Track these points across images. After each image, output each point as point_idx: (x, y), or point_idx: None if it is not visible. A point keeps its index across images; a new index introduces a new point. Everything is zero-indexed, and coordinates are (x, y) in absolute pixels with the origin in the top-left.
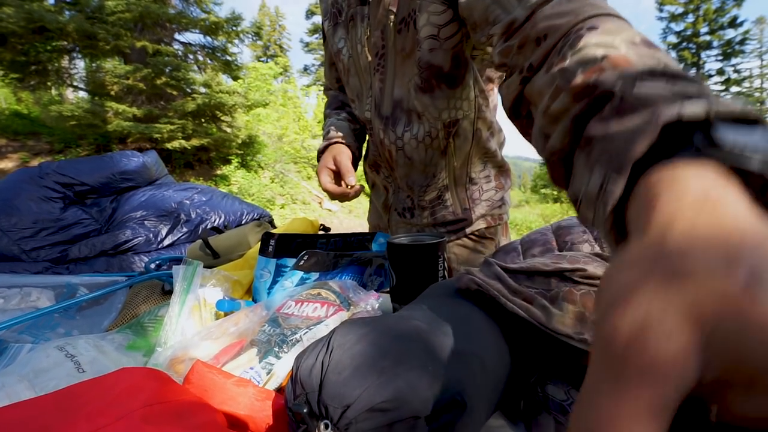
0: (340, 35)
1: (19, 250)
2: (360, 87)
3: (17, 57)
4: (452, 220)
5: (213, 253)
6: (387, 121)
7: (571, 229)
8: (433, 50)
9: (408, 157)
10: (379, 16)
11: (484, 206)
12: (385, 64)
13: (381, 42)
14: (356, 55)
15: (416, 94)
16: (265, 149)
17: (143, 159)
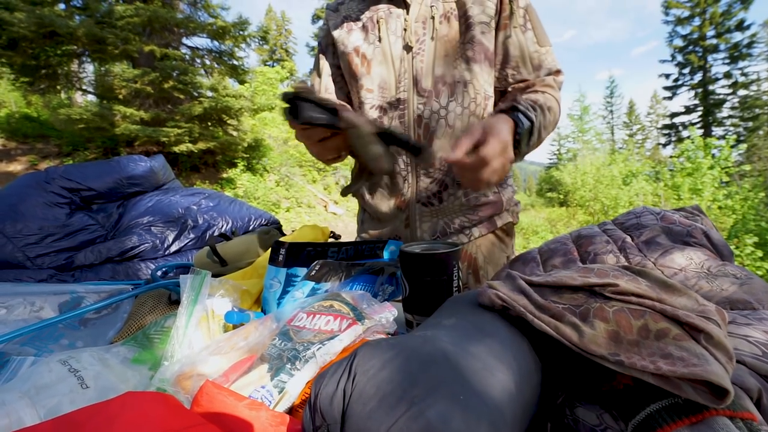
0: (356, 37)
1: (24, 257)
2: (388, 73)
3: (28, 61)
4: (485, 202)
5: (220, 260)
6: (429, 94)
7: (593, 239)
8: (484, 33)
9: (450, 125)
10: (421, 12)
11: (510, 192)
12: (428, 47)
13: (423, 31)
14: (386, 46)
15: (466, 65)
16: (271, 153)
17: (150, 164)
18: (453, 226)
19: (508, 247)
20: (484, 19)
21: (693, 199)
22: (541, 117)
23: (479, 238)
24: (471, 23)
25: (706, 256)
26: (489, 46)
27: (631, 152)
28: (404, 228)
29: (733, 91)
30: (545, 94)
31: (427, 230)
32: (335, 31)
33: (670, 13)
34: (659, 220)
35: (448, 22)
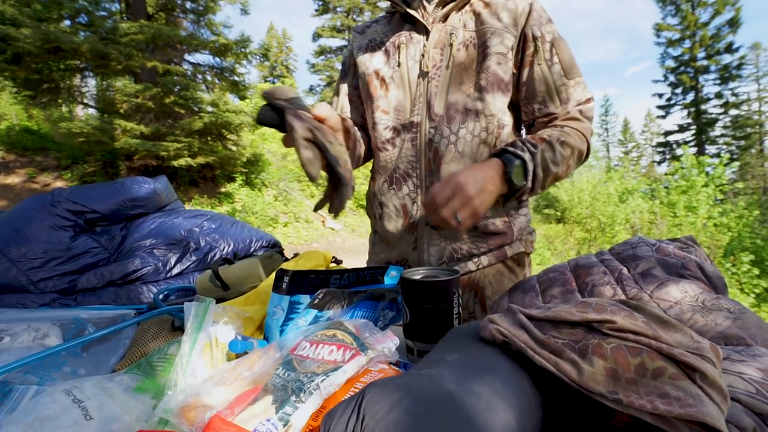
0: (378, 60)
1: (28, 281)
2: (404, 97)
3: (31, 75)
4: (493, 231)
5: (223, 284)
6: (441, 119)
7: (591, 270)
8: (500, 64)
9: (459, 152)
10: (439, 39)
11: (523, 221)
12: (443, 74)
13: (440, 57)
14: (405, 70)
15: (477, 94)
16: (270, 167)
17: (154, 185)
18: (461, 252)
19: (519, 277)
20: (501, 50)
21: (688, 216)
22: (547, 152)
23: (488, 267)
24: (488, 53)
25: (701, 289)
26: (504, 76)
27: (627, 169)
28: (412, 251)
29: (725, 111)
30: (563, 128)
31: (435, 254)
32: (358, 53)
33: (661, 35)
34: (654, 252)
35: (466, 50)
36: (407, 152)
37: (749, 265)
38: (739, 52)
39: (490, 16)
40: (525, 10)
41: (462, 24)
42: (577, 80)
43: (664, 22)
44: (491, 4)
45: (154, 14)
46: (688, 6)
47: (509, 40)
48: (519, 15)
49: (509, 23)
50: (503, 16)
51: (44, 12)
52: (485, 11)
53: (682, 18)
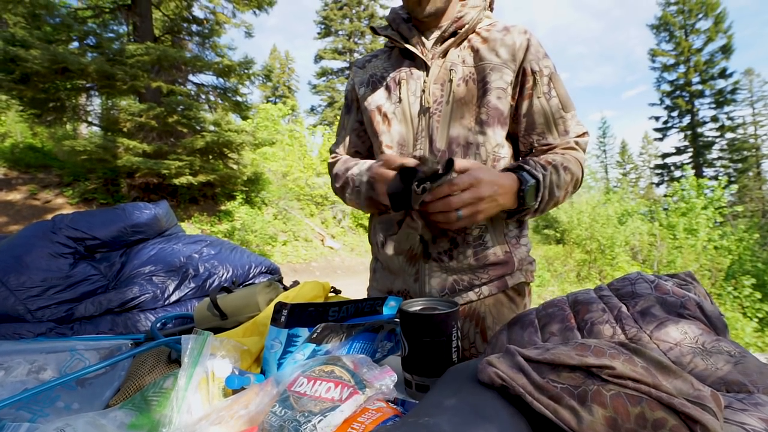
0: (380, 96)
1: (25, 309)
2: (406, 132)
3: (38, 94)
4: (494, 262)
5: (221, 314)
6: (443, 154)
7: (590, 306)
8: (500, 98)
9: None
10: (439, 74)
11: (524, 251)
12: (444, 109)
13: (440, 92)
14: (406, 105)
15: (478, 128)
16: (270, 186)
17: (155, 211)
18: (462, 283)
19: (519, 307)
20: (501, 85)
21: (688, 239)
22: (553, 175)
23: (488, 297)
24: (488, 88)
25: (701, 330)
26: (503, 110)
27: (626, 191)
28: (413, 282)
29: (721, 134)
30: (565, 155)
31: (437, 286)
32: (360, 88)
33: (656, 61)
34: (653, 290)
35: (466, 85)
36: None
37: (751, 288)
38: (732, 78)
39: (489, 52)
40: (523, 45)
41: (461, 60)
42: (573, 114)
43: (658, 48)
44: (489, 39)
45: (160, 36)
46: (681, 33)
47: (508, 75)
48: (517, 50)
49: (507, 58)
50: (501, 52)
51: (54, 34)
52: (483, 47)
53: (676, 44)
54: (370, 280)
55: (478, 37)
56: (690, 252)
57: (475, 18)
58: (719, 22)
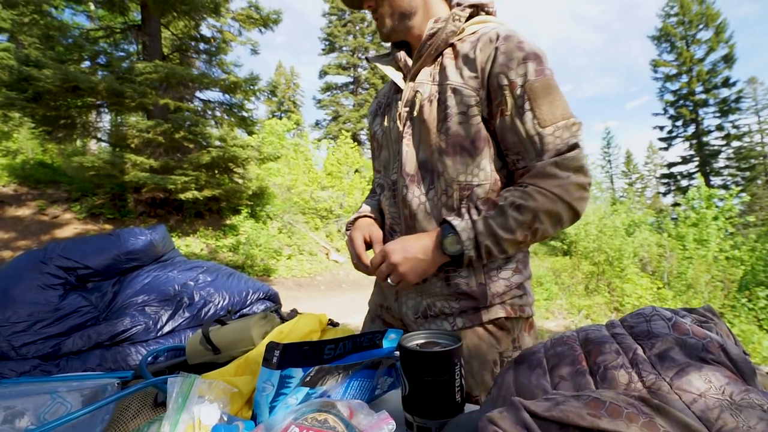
0: (378, 122)
1: (9, 346)
2: (389, 156)
3: (49, 112)
4: (467, 292)
5: (213, 348)
6: (412, 178)
7: (602, 347)
8: (461, 123)
9: (428, 212)
10: (408, 97)
11: (502, 285)
12: (412, 133)
13: (408, 114)
14: (389, 130)
15: (439, 156)
16: (275, 200)
17: (150, 237)
18: (434, 309)
19: (502, 344)
20: (461, 109)
21: (699, 249)
22: (497, 218)
23: (464, 330)
24: (448, 113)
25: (727, 378)
26: (466, 135)
27: (632, 201)
28: (394, 301)
29: (727, 143)
30: (525, 189)
31: (411, 307)
32: (370, 117)
33: (658, 71)
34: (671, 329)
35: (430, 106)
36: (391, 208)
37: (766, 300)
38: (736, 86)
39: (454, 70)
40: (490, 57)
41: (431, 78)
42: (559, 125)
43: (660, 59)
44: (459, 54)
45: (169, 54)
46: (682, 43)
47: (471, 97)
48: (484, 64)
49: (470, 76)
50: (465, 71)
51: (66, 54)
52: (451, 63)
53: (677, 54)
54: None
55: (452, 51)
56: (701, 263)
57: (447, 32)
58: (720, 32)
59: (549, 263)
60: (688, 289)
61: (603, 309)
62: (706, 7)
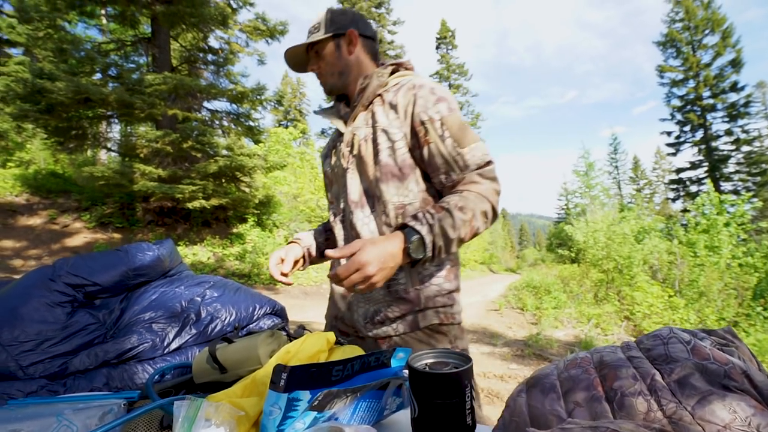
0: (327, 162)
1: (17, 366)
2: (338, 189)
3: (61, 123)
4: (404, 297)
5: (220, 367)
6: (356, 205)
7: (619, 372)
8: (390, 156)
9: (371, 231)
10: (348, 138)
11: (434, 290)
12: (353, 167)
13: (349, 152)
14: (338, 167)
15: (377, 184)
16: (281, 208)
17: (158, 252)
18: (381, 315)
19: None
20: (388, 144)
21: (710, 256)
22: (447, 220)
23: (405, 334)
24: (379, 148)
25: (752, 408)
26: (395, 164)
27: (641, 207)
28: (347, 311)
29: (737, 147)
30: (462, 193)
31: (362, 314)
32: (323, 159)
33: (665, 76)
34: (690, 354)
35: (366, 143)
36: (341, 232)
37: None
38: (744, 91)
39: (382, 114)
40: (411, 101)
41: (365, 122)
42: (473, 146)
43: (666, 64)
44: (386, 102)
45: (177, 66)
46: (688, 49)
47: (396, 134)
48: (406, 107)
49: (395, 117)
50: (391, 114)
51: (78, 67)
52: (380, 109)
53: (683, 60)
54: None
55: (380, 99)
56: (713, 270)
57: (374, 85)
58: (727, 36)
59: (557, 271)
60: (700, 297)
61: (613, 317)
62: (711, 12)
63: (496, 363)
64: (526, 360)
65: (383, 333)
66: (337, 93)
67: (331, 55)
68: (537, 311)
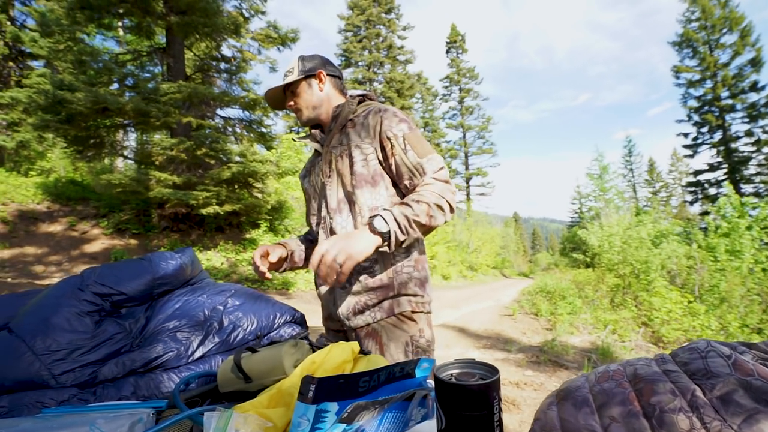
0: (307, 180)
1: (49, 375)
2: (316, 201)
3: (80, 133)
4: (380, 285)
5: (245, 377)
6: (335, 211)
7: (656, 386)
8: (364, 166)
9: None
10: (326, 157)
11: (405, 276)
12: (332, 180)
13: (328, 168)
14: (315, 183)
15: (353, 191)
16: (293, 214)
17: (180, 261)
18: (360, 304)
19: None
20: (362, 157)
21: (732, 261)
22: (405, 208)
23: (382, 321)
24: (354, 161)
25: None
26: (368, 173)
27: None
28: (333, 306)
29: (758, 149)
30: (419, 191)
31: (344, 307)
32: (301, 179)
33: (681, 77)
34: (732, 369)
35: (342, 159)
36: (322, 238)
37: None
38: (765, 90)
39: (354, 134)
40: (378, 122)
41: (339, 141)
42: (429, 157)
43: (682, 64)
44: (356, 124)
45: (191, 75)
46: (705, 48)
47: (368, 148)
48: (374, 127)
49: (365, 135)
50: (362, 132)
51: (96, 77)
52: (352, 131)
53: (700, 60)
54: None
55: (352, 123)
56: (735, 275)
57: (346, 112)
58: (746, 35)
59: (571, 276)
60: (721, 302)
61: (630, 323)
62: (729, 10)
63: (511, 369)
64: (542, 366)
65: (363, 322)
66: (311, 124)
67: (305, 92)
68: (551, 317)
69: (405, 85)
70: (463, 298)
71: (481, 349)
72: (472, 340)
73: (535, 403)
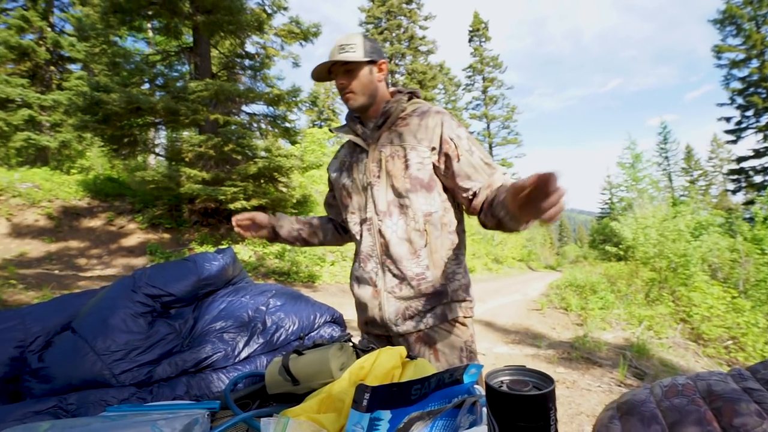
0: (345, 176)
1: (110, 374)
2: (360, 200)
3: (115, 132)
4: (433, 292)
5: (293, 379)
6: (384, 214)
7: (737, 405)
8: (419, 170)
9: (399, 237)
10: (374, 155)
11: (456, 285)
12: (380, 181)
13: (377, 168)
14: (358, 180)
15: (404, 193)
16: (318, 207)
17: (222, 261)
18: (411, 309)
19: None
20: (419, 160)
21: None
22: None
23: (435, 327)
24: (410, 163)
25: None
26: (424, 177)
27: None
28: (378, 311)
29: None
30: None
31: (393, 312)
32: (333, 173)
33: (723, 57)
34: None
35: (393, 160)
36: (367, 239)
37: None
38: None
39: (409, 134)
40: (438, 124)
41: (389, 141)
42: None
43: (724, 44)
44: (410, 124)
45: (217, 72)
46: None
47: (425, 151)
48: (434, 128)
49: (423, 137)
50: (419, 134)
51: (129, 78)
52: (405, 130)
53: (745, 38)
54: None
55: (403, 121)
56: None
57: (398, 110)
58: None
59: (602, 269)
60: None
61: (667, 320)
62: None
63: (542, 366)
64: (574, 363)
65: (413, 328)
66: (363, 111)
67: (365, 78)
68: (582, 311)
69: (427, 76)
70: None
71: (510, 344)
72: (500, 334)
73: (567, 402)
